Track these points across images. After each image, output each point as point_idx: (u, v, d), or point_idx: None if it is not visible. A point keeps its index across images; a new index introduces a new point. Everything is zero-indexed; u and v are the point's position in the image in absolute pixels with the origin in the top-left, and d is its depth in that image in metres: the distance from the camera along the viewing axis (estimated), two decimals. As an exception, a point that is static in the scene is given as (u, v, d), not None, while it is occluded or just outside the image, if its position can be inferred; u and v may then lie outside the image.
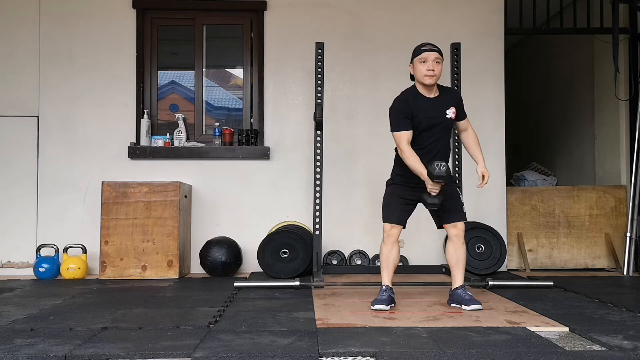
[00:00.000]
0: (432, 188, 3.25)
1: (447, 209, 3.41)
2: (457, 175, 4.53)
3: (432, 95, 3.39)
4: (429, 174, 3.20)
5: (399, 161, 3.50)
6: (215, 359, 2.29)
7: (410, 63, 3.41)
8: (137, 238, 4.60)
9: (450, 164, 3.69)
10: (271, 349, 2.41)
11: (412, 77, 3.45)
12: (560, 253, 5.28)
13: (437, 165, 3.16)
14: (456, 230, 3.41)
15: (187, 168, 5.05)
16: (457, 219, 3.42)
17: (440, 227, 3.53)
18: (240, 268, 4.87)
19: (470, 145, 3.53)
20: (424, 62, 3.31)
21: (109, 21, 5.09)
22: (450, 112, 3.39)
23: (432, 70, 3.29)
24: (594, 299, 3.64)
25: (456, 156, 4.59)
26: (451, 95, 3.51)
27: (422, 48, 3.34)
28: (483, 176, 3.43)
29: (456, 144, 4.61)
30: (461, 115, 3.48)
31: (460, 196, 3.53)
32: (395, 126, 3.37)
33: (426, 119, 3.34)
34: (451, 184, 3.49)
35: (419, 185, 3.37)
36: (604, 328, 2.80)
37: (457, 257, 3.42)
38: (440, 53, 3.36)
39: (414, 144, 3.38)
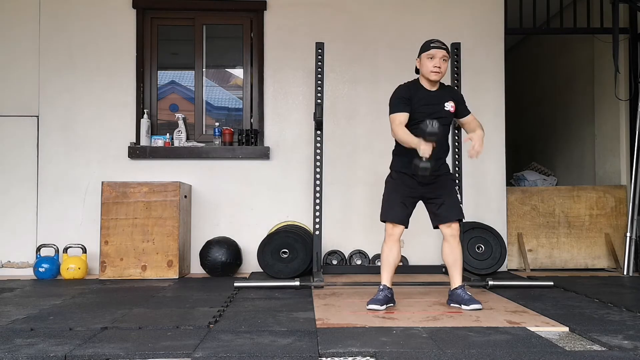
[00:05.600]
0: (425, 149, 3.14)
1: (442, 206, 3.41)
2: (456, 174, 4.53)
3: (433, 89, 3.46)
4: (421, 132, 3.14)
5: (398, 154, 3.49)
6: (215, 359, 2.29)
7: (418, 57, 3.45)
8: (137, 238, 4.60)
9: (449, 160, 3.68)
10: (271, 349, 2.41)
11: (417, 71, 3.50)
12: (560, 253, 5.28)
13: (429, 122, 3.12)
14: (451, 230, 3.40)
15: (187, 168, 5.05)
16: (452, 219, 3.41)
17: (435, 227, 3.51)
18: (240, 268, 4.87)
19: (472, 129, 3.45)
20: (431, 58, 3.36)
21: (109, 21, 5.09)
22: (449, 106, 3.43)
23: (439, 67, 3.36)
24: (594, 299, 3.64)
25: (456, 155, 4.59)
26: (450, 92, 3.56)
27: (432, 44, 3.39)
28: (474, 146, 3.29)
29: (456, 143, 4.61)
30: (463, 111, 3.49)
31: (456, 190, 3.52)
32: (393, 108, 3.40)
33: (425, 107, 3.37)
34: (447, 175, 3.49)
35: (417, 178, 3.38)
36: (604, 328, 2.80)
37: (454, 258, 3.41)
38: (448, 51, 3.43)
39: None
